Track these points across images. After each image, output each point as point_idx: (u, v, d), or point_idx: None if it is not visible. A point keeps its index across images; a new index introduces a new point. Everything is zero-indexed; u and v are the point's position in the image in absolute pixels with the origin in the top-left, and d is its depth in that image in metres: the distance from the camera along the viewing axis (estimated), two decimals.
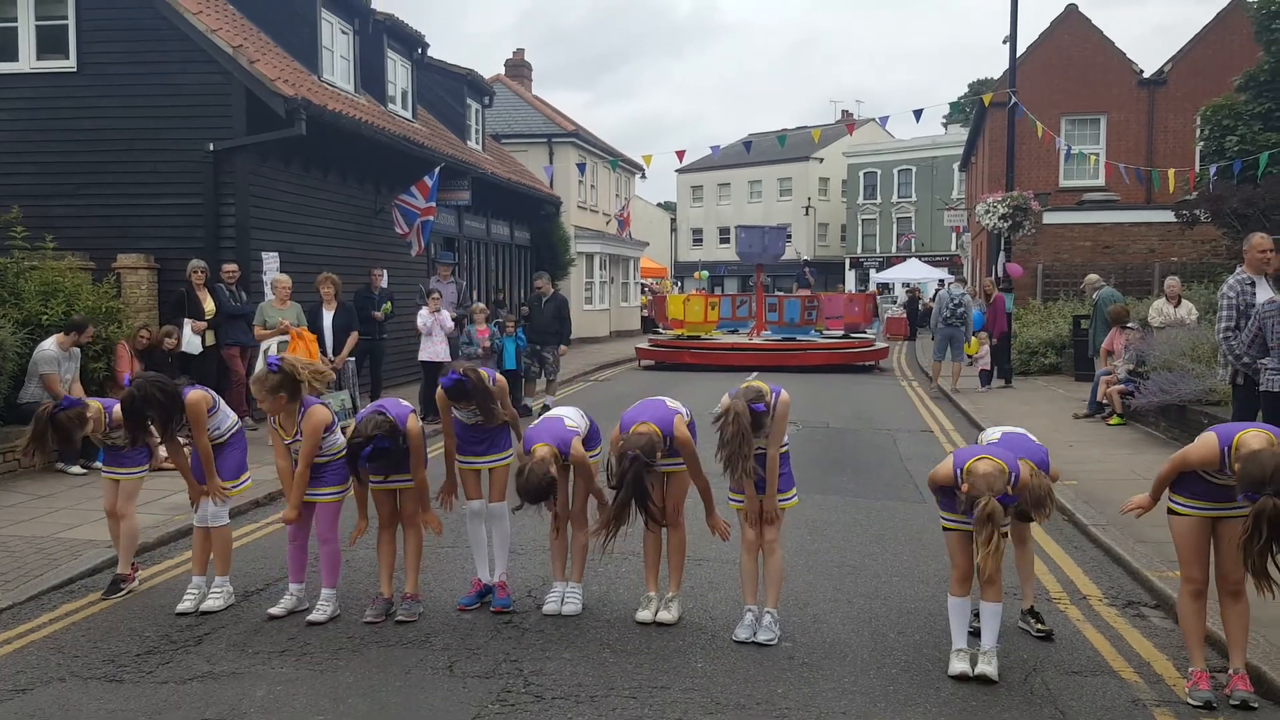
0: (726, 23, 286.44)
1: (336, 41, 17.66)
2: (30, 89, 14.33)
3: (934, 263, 52.37)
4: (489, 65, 63.92)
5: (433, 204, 17.65)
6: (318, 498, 6.39)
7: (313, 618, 6.22)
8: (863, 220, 68.16)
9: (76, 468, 10.37)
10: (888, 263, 59.14)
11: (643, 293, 42.71)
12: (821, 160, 69.04)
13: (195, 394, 6.53)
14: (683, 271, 69.21)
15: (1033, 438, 5.95)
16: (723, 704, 5.04)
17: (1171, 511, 5.21)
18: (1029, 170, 27.87)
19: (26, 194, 13.74)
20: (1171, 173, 21.54)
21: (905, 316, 38.11)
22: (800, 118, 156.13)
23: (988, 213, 20.12)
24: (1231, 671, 5.08)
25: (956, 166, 52.62)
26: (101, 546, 7.61)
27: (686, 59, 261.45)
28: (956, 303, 18.37)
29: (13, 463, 10.14)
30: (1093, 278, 17.29)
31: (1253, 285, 8.53)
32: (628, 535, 6.13)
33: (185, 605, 6.41)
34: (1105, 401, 13.93)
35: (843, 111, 75.40)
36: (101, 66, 14.23)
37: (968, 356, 18.96)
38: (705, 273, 61.52)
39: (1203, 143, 22.24)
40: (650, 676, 5.38)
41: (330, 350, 12.67)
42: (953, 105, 38.64)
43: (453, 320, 14.43)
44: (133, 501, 6.94)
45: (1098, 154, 28.44)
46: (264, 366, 6.42)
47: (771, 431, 5.79)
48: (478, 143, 25.35)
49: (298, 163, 15.56)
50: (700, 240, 76.23)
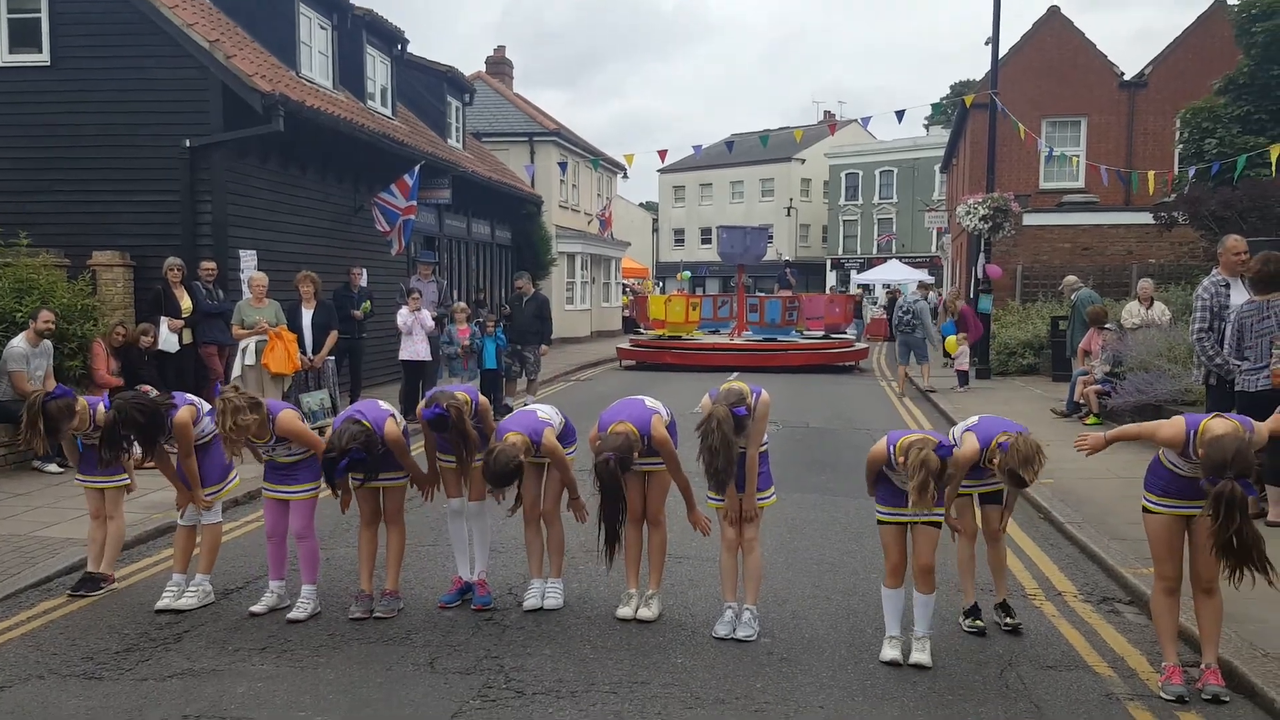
0: (712, 21, 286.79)
1: (315, 37, 17.60)
2: (3, 83, 14.18)
3: (914, 264, 52.49)
4: (470, 63, 63.97)
5: (413, 203, 17.61)
6: (292, 495, 6.38)
7: (293, 615, 6.21)
8: (844, 221, 68.34)
9: (53, 466, 10.29)
10: (869, 264, 59.29)
11: (624, 293, 42.71)
12: (804, 161, 69.18)
13: (183, 415, 6.41)
14: (664, 272, 69.22)
15: (1009, 420, 6.00)
16: (702, 699, 5.06)
17: (1146, 510, 5.27)
18: (1010, 172, 28.01)
19: (0, 190, 13.62)
20: (1151, 174, 21.71)
21: (886, 318, 38.23)
22: (784, 118, 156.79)
23: (968, 214, 20.25)
24: (1204, 666, 5.15)
25: (938, 168, 52.82)
26: (79, 545, 7.57)
27: (670, 59, 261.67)
28: (906, 310, 18.64)
29: None
30: (1071, 279, 17.43)
31: (1227, 287, 8.62)
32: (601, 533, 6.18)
33: (164, 602, 6.39)
34: (1082, 401, 14.03)
35: (825, 112, 75.49)
36: (76, 61, 14.12)
37: (948, 356, 19.07)
38: (687, 273, 61.54)
39: (1182, 145, 22.38)
40: (630, 672, 5.40)
41: (310, 349, 12.63)
42: (935, 106, 38.79)
43: (433, 319, 14.40)
44: (121, 505, 6.94)
45: (1078, 156, 28.64)
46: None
47: (751, 431, 5.82)
48: (458, 141, 25.29)
49: (275, 159, 15.50)
50: (682, 241, 76.28)
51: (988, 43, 20.93)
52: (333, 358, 13.20)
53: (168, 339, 12.37)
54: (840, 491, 9.89)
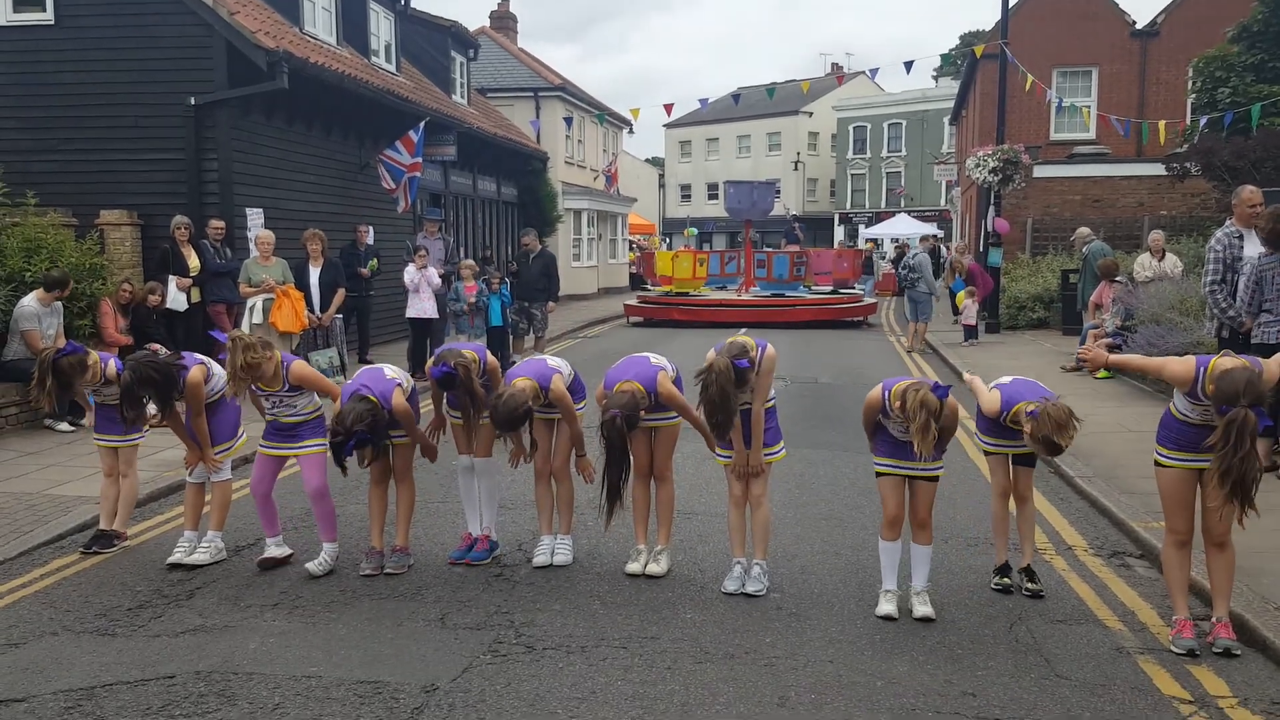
0: None
1: None
2: (7, 43, 14.10)
3: (924, 218, 52.15)
4: (474, 17, 63.25)
5: (419, 159, 17.50)
6: (299, 450, 6.37)
7: (311, 568, 6.25)
8: (852, 175, 67.80)
9: (65, 425, 10.33)
10: (877, 218, 58.95)
11: (631, 249, 42.55)
12: (811, 114, 68.52)
13: (194, 375, 6.39)
14: (671, 228, 68.93)
15: (1041, 384, 5.94)
16: (711, 653, 5.08)
17: (1158, 464, 5.23)
18: (1020, 123, 27.69)
19: (6, 150, 13.57)
20: (1162, 124, 21.47)
21: (895, 273, 38.06)
22: (791, 72, 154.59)
23: (978, 166, 20.07)
24: (1214, 620, 5.14)
25: (947, 120, 52.38)
26: (91, 503, 7.61)
27: (676, 12, 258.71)
28: (907, 267, 18.64)
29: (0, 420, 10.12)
30: (1083, 231, 17.27)
31: (1241, 239, 8.53)
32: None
33: (176, 558, 6.43)
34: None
35: (832, 64, 74.58)
36: (79, 19, 14.00)
37: (959, 312, 19.01)
38: (694, 229, 61.28)
39: (1194, 95, 22.13)
40: (640, 627, 5.42)
41: (317, 307, 12.62)
42: (944, 57, 38.34)
43: (440, 277, 14.37)
44: (134, 463, 6.97)
45: (1089, 106, 28.33)
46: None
47: (757, 386, 5.79)
48: (463, 97, 25.10)
49: (280, 117, 15.40)
50: (689, 196, 75.82)
51: None
52: (340, 316, 13.19)
53: (175, 297, 12.36)
54: (849, 447, 9.88)
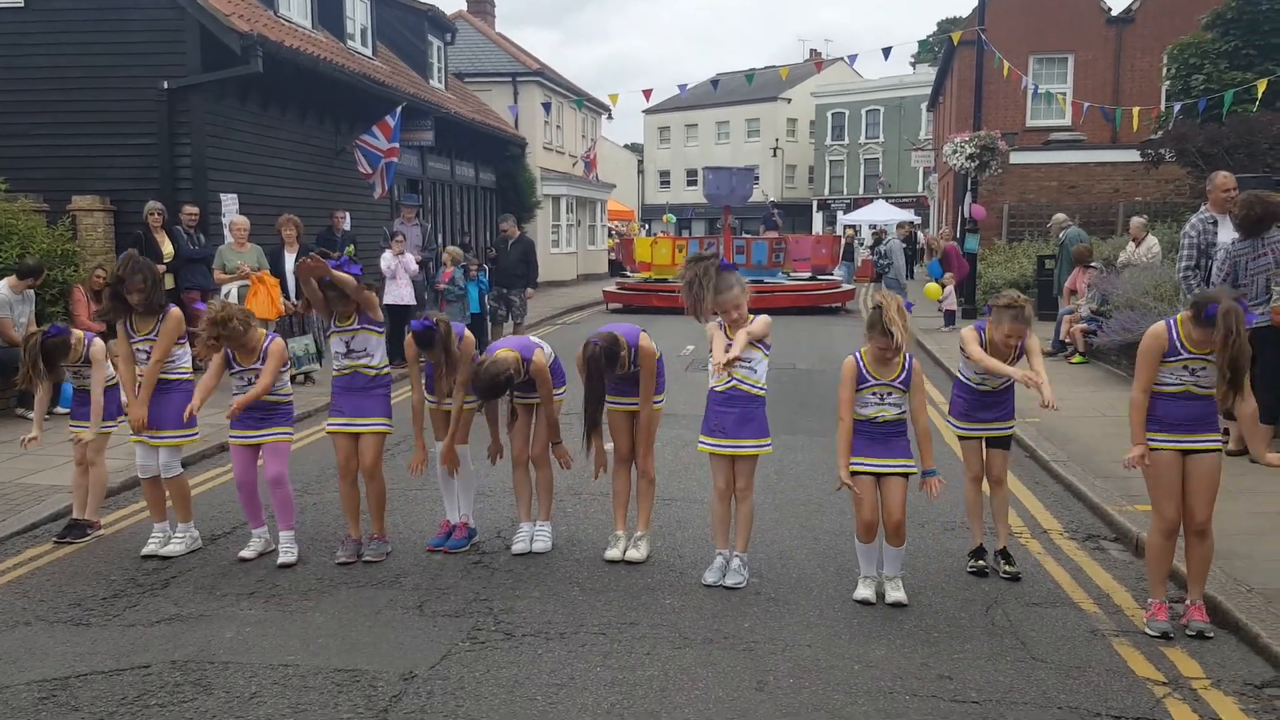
0: None
1: None
2: None
3: (901, 204, 52.31)
4: (451, 1, 62.58)
5: (395, 144, 17.39)
6: (263, 439, 6.34)
7: (283, 560, 6.22)
8: (830, 162, 67.89)
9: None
10: (855, 204, 59.05)
11: (610, 236, 42.47)
12: (789, 101, 68.55)
13: (178, 311, 6.49)
14: (650, 214, 68.80)
15: None
16: (691, 639, 5.09)
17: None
18: (996, 110, 27.76)
19: None
20: (1136, 111, 21.57)
21: (872, 259, 38.20)
22: (770, 59, 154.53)
23: (955, 153, 20.13)
24: (1189, 602, 5.18)
25: (924, 106, 52.38)
26: (64, 491, 7.55)
27: None
28: (878, 254, 19.62)
29: None
30: (1060, 217, 17.34)
31: (1215, 224, 8.58)
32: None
33: (150, 548, 6.38)
34: (1068, 340, 14.06)
35: (811, 50, 74.59)
36: (50, 2, 13.77)
37: (935, 301, 19.05)
38: (673, 216, 61.21)
39: (1169, 81, 22.25)
40: (619, 613, 5.42)
41: (293, 294, 12.52)
42: (921, 44, 38.47)
43: (417, 263, 14.29)
44: (102, 453, 6.90)
45: (1065, 93, 28.41)
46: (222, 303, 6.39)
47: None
48: (440, 81, 24.94)
49: (255, 101, 15.25)
50: (668, 182, 75.71)
51: None
52: None
53: None
54: (827, 433, 9.85)
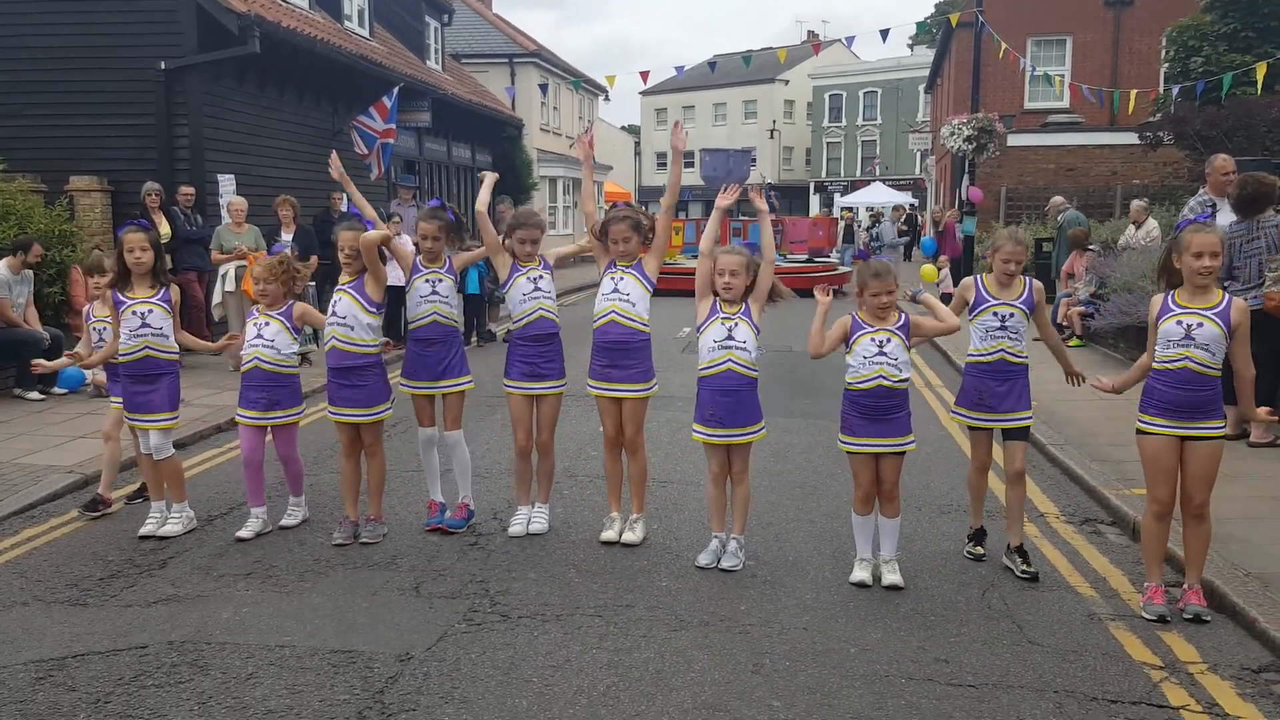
0: None
1: None
2: None
3: (898, 186, 52.19)
4: None
5: (392, 125, 17.33)
6: (273, 420, 6.45)
7: (285, 522, 6.38)
8: (827, 143, 67.69)
9: (35, 394, 10.21)
10: (852, 186, 58.91)
11: None
12: (787, 82, 68.29)
13: (176, 289, 6.65)
14: (647, 196, 68.62)
15: None
16: (687, 621, 5.10)
17: (1140, 431, 5.18)
18: (994, 92, 27.68)
19: None
20: (1134, 93, 21.50)
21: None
22: (768, 41, 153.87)
23: (953, 135, 20.11)
24: (1186, 586, 5.19)
25: (922, 89, 52.23)
26: (62, 471, 7.57)
27: None
28: (871, 235, 20.08)
29: None
30: (1058, 200, 17.29)
31: (1214, 207, 8.57)
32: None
33: (147, 529, 6.38)
34: (1065, 324, 14.05)
35: (809, 32, 74.29)
36: None
37: (932, 284, 19.02)
38: None
39: (1167, 64, 22.15)
40: (615, 595, 5.43)
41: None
42: (919, 25, 38.19)
43: (413, 244, 14.22)
44: (119, 428, 6.88)
45: (1063, 75, 28.33)
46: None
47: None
48: (437, 62, 24.85)
49: (252, 82, 15.19)
50: (665, 164, 75.48)
51: None
52: (313, 283, 13.03)
53: None
54: (823, 415, 9.90)
